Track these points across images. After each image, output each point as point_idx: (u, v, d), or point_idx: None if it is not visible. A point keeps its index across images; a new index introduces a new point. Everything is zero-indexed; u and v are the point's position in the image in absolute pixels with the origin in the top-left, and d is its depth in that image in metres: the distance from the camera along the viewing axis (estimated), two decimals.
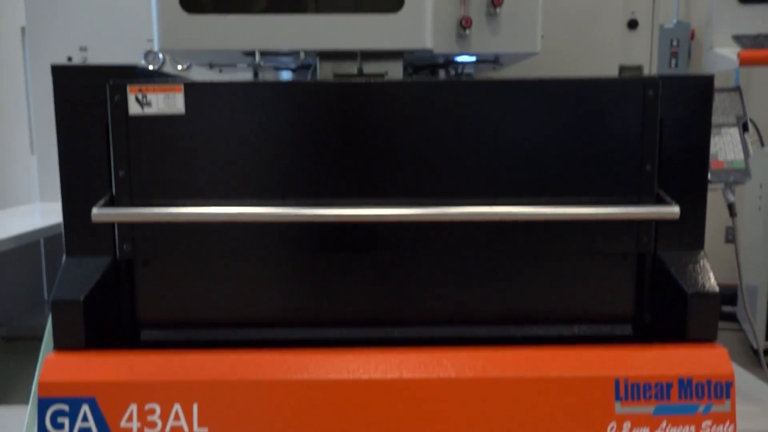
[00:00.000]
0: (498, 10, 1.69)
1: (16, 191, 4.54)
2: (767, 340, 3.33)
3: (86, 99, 1.41)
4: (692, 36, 4.09)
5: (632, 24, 2.45)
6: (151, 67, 2.75)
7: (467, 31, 1.70)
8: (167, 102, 1.40)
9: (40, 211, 2.69)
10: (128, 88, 1.40)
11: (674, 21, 4.05)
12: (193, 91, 1.40)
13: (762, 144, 2.60)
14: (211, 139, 1.42)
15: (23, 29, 4.30)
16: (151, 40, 2.63)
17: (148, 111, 1.40)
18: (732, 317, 3.68)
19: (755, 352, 3.17)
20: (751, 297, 3.39)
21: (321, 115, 1.43)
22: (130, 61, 2.77)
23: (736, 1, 1.86)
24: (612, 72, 2.52)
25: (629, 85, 1.41)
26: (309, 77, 2.05)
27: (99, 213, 1.36)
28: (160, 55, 2.71)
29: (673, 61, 4.11)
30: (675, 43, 4.06)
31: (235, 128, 1.42)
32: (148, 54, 2.73)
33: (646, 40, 2.51)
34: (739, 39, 1.80)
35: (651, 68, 2.45)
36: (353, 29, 1.66)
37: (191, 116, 1.41)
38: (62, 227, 1.47)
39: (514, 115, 1.42)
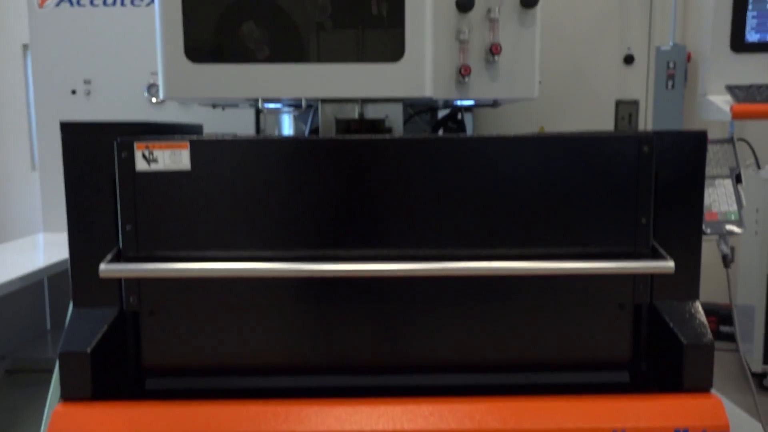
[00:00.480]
0: (496, 58, 1.72)
1: (17, 205, 4.59)
2: (765, 363, 3.36)
3: (94, 155, 1.44)
4: (688, 58, 4.13)
5: (628, 59, 2.48)
6: (153, 100, 2.78)
7: (466, 79, 1.73)
8: (173, 158, 1.43)
9: (44, 244, 2.71)
10: (135, 144, 1.43)
11: (671, 43, 4.09)
12: (199, 147, 1.43)
13: (758, 166, 2.62)
14: (216, 195, 1.45)
15: (25, 46, 4.34)
16: (154, 73, 2.67)
17: (154, 167, 1.43)
18: (731, 337, 3.70)
19: (753, 374, 3.19)
20: (749, 319, 3.41)
21: (325, 170, 1.45)
22: (134, 92, 2.81)
23: (729, 49, 1.89)
24: (609, 107, 2.58)
25: (624, 141, 1.44)
26: (310, 118, 2.09)
27: (107, 269, 1.39)
28: None
29: (670, 83, 4.15)
30: (671, 65, 4.09)
31: (240, 184, 1.45)
32: (152, 87, 2.77)
33: (642, 72, 2.55)
34: (731, 90, 1.83)
35: (647, 102, 2.49)
36: (355, 78, 1.69)
37: (197, 172, 1.44)
38: (69, 275, 1.50)
39: (513, 171, 1.45)
